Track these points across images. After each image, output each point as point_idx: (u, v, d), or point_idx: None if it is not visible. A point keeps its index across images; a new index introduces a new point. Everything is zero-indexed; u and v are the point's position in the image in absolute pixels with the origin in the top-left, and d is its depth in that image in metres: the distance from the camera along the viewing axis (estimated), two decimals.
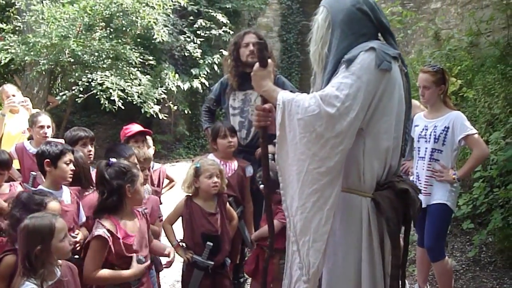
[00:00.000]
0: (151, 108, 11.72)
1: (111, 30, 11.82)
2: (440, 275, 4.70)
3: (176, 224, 4.34)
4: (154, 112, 11.80)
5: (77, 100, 11.31)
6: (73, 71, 11.85)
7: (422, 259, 4.94)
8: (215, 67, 14.07)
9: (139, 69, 12.17)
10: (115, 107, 10.83)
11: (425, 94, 4.63)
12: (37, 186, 4.05)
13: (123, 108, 10.97)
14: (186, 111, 14.24)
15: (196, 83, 13.72)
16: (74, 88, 11.11)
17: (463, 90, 7.14)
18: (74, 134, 4.53)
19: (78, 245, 3.72)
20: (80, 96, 11.08)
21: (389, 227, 2.80)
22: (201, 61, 14.05)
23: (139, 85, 11.67)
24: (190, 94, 14.49)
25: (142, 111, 11.73)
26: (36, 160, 4.01)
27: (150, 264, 3.76)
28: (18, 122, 6.09)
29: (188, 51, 13.73)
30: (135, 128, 4.96)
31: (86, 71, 11.37)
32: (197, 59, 13.88)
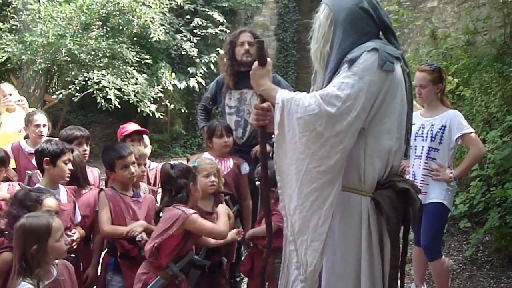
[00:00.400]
0: (148, 107, 11.72)
1: (108, 29, 11.83)
2: (437, 274, 4.70)
3: None
4: (151, 111, 11.81)
5: (73, 99, 11.30)
6: (69, 70, 11.87)
7: (419, 258, 4.93)
8: (212, 66, 14.03)
9: (136, 68, 12.17)
10: (111, 106, 10.86)
11: (421, 92, 4.63)
12: (33, 185, 4.04)
13: (119, 107, 10.99)
14: (183, 110, 14.22)
15: (192, 82, 13.70)
16: (70, 87, 11.11)
17: (460, 89, 7.14)
18: (70, 133, 4.51)
19: (75, 244, 3.72)
20: (77, 95, 11.09)
21: (389, 227, 2.79)
22: (197, 60, 14.03)
23: (136, 84, 11.67)
24: (186, 93, 14.46)
25: (139, 110, 11.73)
26: (35, 157, 4.00)
27: None
28: (15, 121, 6.07)
29: (184, 50, 13.71)
30: (132, 127, 4.94)
31: (83, 70, 11.39)
32: (193, 58, 13.85)
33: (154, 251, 3.52)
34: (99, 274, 4.17)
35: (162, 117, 12.75)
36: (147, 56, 12.54)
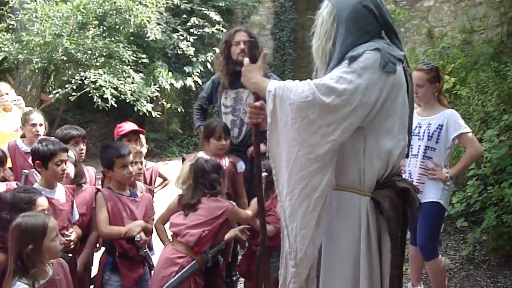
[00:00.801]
0: (144, 106, 11.74)
1: (104, 28, 11.82)
2: (433, 274, 4.70)
3: None
4: (147, 110, 11.83)
5: (70, 98, 11.34)
6: (66, 69, 11.87)
7: (415, 257, 4.93)
8: (208, 65, 14.01)
9: (132, 67, 12.17)
10: (108, 105, 10.85)
11: (418, 92, 4.62)
12: (29, 184, 4.02)
13: (116, 106, 11.00)
14: (179, 109, 14.21)
15: (189, 81, 13.70)
16: (67, 86, 11.12)
17: (457, 88, 7.14)
18: (66, 132, 4.49)
19: (72, 243, 3.71)
20: (73, 94, 11.10)
21: (389, 227, 2.79)
22: (194, 59, 14.02)
23: (132, 83, 11.68)
24: (183, 92, 14.46)
25: (135, 109, 11.74)
26: (31, 157, 3.98)
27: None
28: (11, 121, 6.04)
29: (181, 49, 13.70)
30: (128, 126, 4.93)
31: (79, 69, 11.39)
32: (190, 57, 13.85)
33: (199, 237, 3.81)
34: (96, 273, 4.15)
35: (158, 116, 12.77)
36: (144, 55, 12.56)
